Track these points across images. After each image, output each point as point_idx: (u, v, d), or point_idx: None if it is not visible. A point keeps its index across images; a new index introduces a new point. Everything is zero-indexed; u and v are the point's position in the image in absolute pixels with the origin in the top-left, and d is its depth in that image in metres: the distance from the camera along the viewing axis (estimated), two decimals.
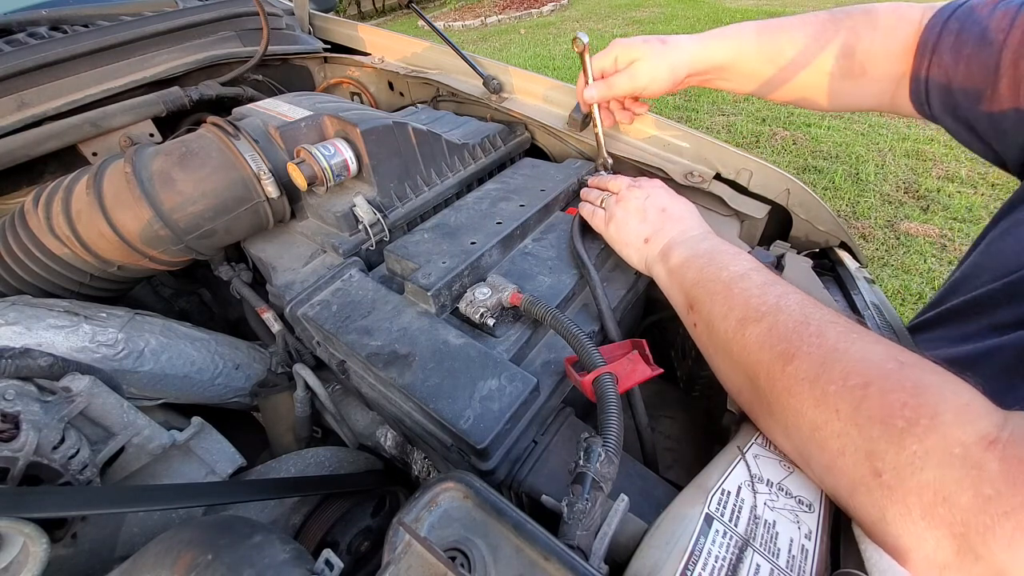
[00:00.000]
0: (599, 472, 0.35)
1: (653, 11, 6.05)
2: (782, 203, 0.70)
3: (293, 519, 0.57)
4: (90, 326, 0.59)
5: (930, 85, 0.53)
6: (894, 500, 0.29)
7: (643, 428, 0.52)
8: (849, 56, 0.58)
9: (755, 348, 0.39)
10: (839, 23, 0.59)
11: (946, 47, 0.50)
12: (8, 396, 0.48)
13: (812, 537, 0.33)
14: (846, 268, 0.66)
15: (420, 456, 0.62)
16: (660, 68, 0.65)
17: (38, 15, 0.99)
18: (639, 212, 0.59)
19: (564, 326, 0.48)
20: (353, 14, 8.20)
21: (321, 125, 0.70)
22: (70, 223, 0.60)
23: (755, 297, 0.41)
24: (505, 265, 0.63)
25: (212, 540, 0.35)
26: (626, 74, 0.67)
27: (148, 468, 0.58)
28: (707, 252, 0.50)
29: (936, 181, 2.50)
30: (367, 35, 1.14)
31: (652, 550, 0.33)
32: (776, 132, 3.10)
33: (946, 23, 0.51)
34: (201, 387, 0.68)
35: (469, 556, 0.30)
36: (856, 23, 0.58)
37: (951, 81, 0.51)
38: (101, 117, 0.82)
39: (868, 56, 0.57)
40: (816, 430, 0.33)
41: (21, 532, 0.37)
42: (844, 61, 0.59)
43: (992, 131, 0.50)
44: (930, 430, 0.28)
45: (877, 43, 0.56)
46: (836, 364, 0.33)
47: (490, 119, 0.93)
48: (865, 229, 2.29)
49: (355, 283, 0.61)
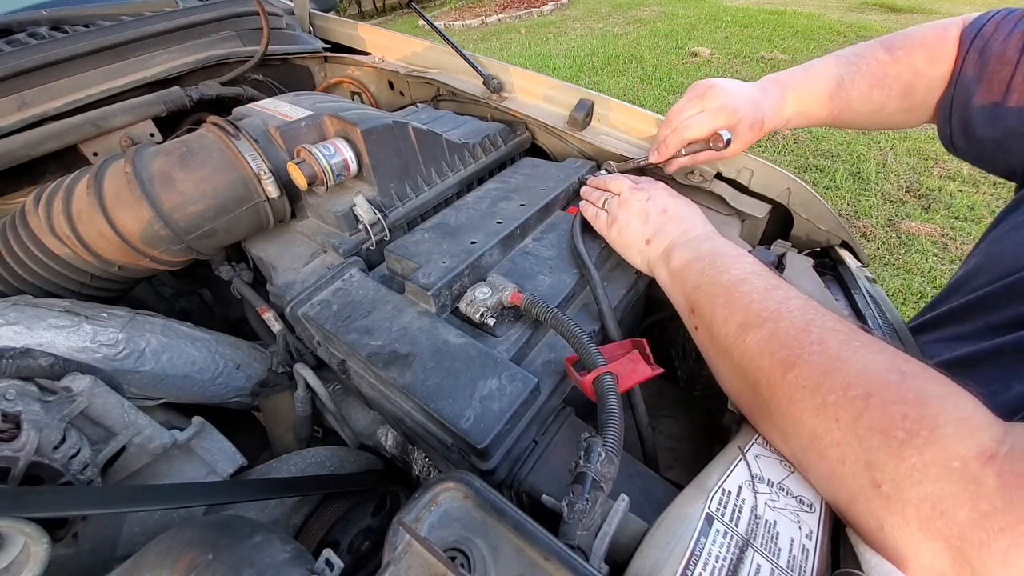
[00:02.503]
0: (599, 472, 0.35)
1: (654, 10, 6.04)
2: (783, 202, 0.70)
3: (294, 519, 0.57)
4: (91, 326, 0.59)
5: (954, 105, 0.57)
6: (892, 511, 0.29)
7: (643, 428, 0.52)
8: (911, 95, 0.61)
9: (756, 354, 0.39)
10: (899, 63, 0.61)
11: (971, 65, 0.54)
12: (9, 396, 0.48)
13: (813, 537, 0.33)
14: (847, 267, 0.66)
15: (421, 456, 0.62)
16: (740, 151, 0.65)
17: (38, 15, 0.99)
18: (641, 214, 0.59)
19: (564, 326, 0.48)
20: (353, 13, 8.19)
21: (321, 125, 0.70)
22: (71, 223, 0.60)
23: (756, 302, 0.41)
24: (505, 265, 0.63)
25: (212, 540, 0.35)
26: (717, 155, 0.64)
27: (149, 468, 0.58)
28: (709, 254, 0.50)
29: (937, 180, 2.49)
30: (367, 34, 1.14)
31: (652, 550, 0.33)
32: (776, 131, 3.10)
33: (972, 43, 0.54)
34: (202, 387, 0.68)
35: (469, 556, 0.30)
36: (914, 60, 0.60)
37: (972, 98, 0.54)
38: (101, 117, 0.82)
39: (927, 90, 0.60)
40: (816, 439, 0.33)
41: (22, 532, 0.37)
42: (906, 101, 0.62)
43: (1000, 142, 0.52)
44: (930, 442, 0.28)
45: (934, 76, 0.59)
46: (837, 373, 0.33)
47: (490, 118, 0.93)
48: (866, 228, 2.28)
49: (355, 283, 0.61)
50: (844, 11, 5.26)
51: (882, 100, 0.62)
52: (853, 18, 4.97)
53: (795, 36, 4.57)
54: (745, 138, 0.63)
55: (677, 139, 0.65)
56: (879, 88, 0.62)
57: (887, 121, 0.66)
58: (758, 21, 5.05)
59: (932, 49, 0.58)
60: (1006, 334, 0.42)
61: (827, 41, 4.36)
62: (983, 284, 0.49)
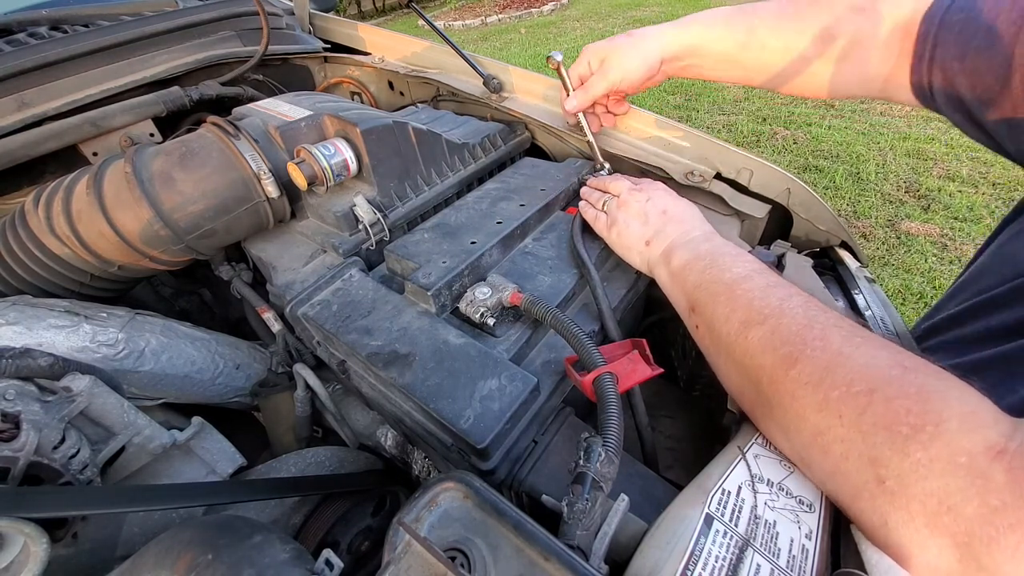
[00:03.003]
0: (599, 472, 0.35)
1: (654, 10, 6.04)
2: (783, 202, 0.70)
3: (293, 519, 0.57)
4: (90, 326, 0.59)
5: (934, 86, 0.49)
6: (897, 507, 0.28)
7: (643, 428, 0.52)
8: (829, 40, 0.54)
9: (758, 351, 0.39)
10: (818, 3, 0.55)
11: (949, 42, 0.46)
12: (8, 396, 0.48)
13: (813, 537, 0.33)
14: (847, 267, 0.66)
15: (420, 456, 0.62)
16: (631, 60, 0.65)
17: (38, 15, 0.99)
18: (640, 215, 0.59)
19: (564, 326, 0.48)
20: (353, 13, 8.20)
21: (321, 125, 0.70)
22: (70, 223, 0.60)
23: (758, 299, 0.41)
24: (505, 265, 0.63)
25: (212, 540, 0.35)
26: (599, 74, 0.67)
27: (148, 468, 0.58)
28: (709, 253, 0.50)
29: (937, 180, 2.49)
30: (367, 35, 1.14)
31: (652, 550, 0.33)
32: (777, 131, 3.10)
33: (946, 14, 0.47)
34: (201, 387, 0.68)
35: (469, 556, 0.30)
36: (835, 4, 0.54)
37: (957, 84, 0.46)
38: (101, 117, 0.82)
39: (851, 41, 0.53)
40: (819, 435, 0.33)
41: (22, 532, 0.37)
42: (822, 45, 0.55)
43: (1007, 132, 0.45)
44: (935, 437, 0.28)
45: (862, 28, 0.52)
46: (840, 369, 0.33)
47: (490, 118, 0.93)
48: (866, 228, 2.28)
49: (355, 283, 0.61)
50: None
51: (794, 36, 0.56)
52: None
53: None
54: (609, 50, 0.65)
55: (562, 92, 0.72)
56: (789, 21, 0.57)
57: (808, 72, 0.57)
58: None
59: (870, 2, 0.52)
60: (1011, 337, 0.42)
61: None
62: (989, 286, 0.49)
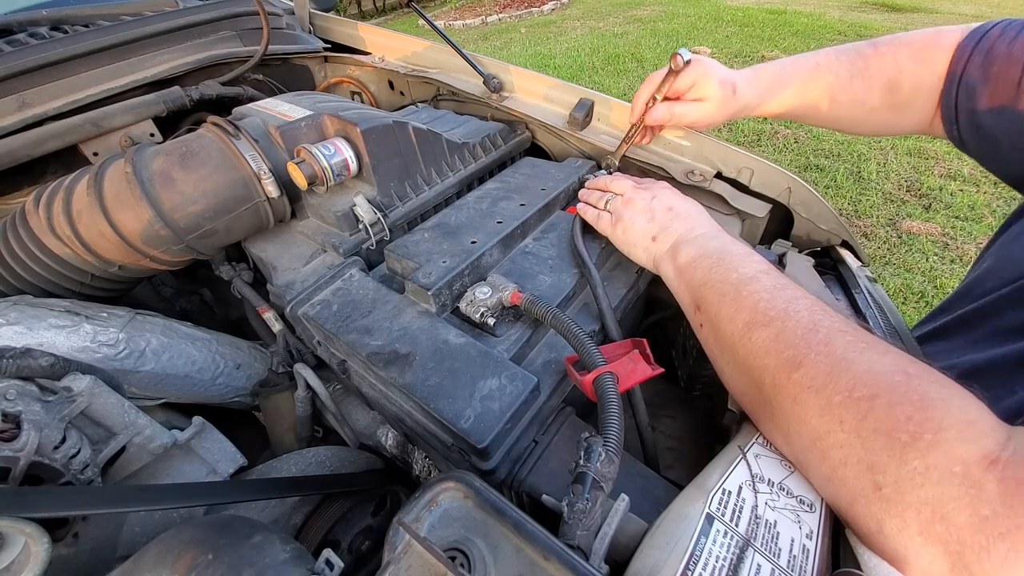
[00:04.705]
0: (599, 472, 0.35)
1: (654, 9, 6.04)
2: (783, 202, 0.70)
3: (294, 518, 0.57)
4: (91, 326, 0.59)
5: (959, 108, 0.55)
6: (892, 514, 0.29)
7: (644, 427, 0.52)
8: (893, 90, 0.60)
9: (761, 353, 0.39)
10: (883, 57, 0.60)
11: (975, 66, 0.53)
12: (9, 396, 0.48)
13: (813, 537, 0.33)
14: (848, 267, 0.66)
15: (421, 455, 0.62)
16: (718, 116, 0.66)
17: (38, 15, 0.99)
18: (646, 211, 0.59)
19: (565, 325, 0.48)
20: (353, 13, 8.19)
21: (321, 124, 0.70)
22: (71, 223, 0.60)
23: (764, 301, 0.41)
24: (505, 264, 0.63)
25: (213, 540, 0.35)
26: (693, 108, 0.66)
27: (149, 468, 0.58)
28: (716, 252, 0.49)
29: (938, 179, 2.49)
30: (367, 34, 1.14)
31: (653, 550, 0.33)
32: (778, 131, 3.10)
33: (976, 46, 0.53)
34: (202, 387, 0.68)
35: (469, 556, 0.30)
36: (899, 56, 0.59)
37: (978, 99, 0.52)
38: (102, 117, 0.82)
39: (912, 90, 0.59)
40: (819, 439, 0.33)
41: (22, 532, 0.37)
42: (889, 97, 0.61)
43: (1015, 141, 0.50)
44: (933, 446, 0.28)
45: (922, 77, 0.58)
46: (843, 374, 0.33)
47: (490, 118, 0.93)
48: (867, 228, 2.28)
49: (355, 283, 0.61)
50: (844, 10, 5.26)
51: (863, 92, 0.61)
52: (853, 17, 4.97)
53: (795, 35, 4.56)
54: (716, 96, 0.64)
55: (648, 87, 0.67)
56: (860, 79, 0.61)
57: (870, 119, 0.64)
58: (758, 20, 5.05)
59: (920, 49, 0.58)
60: (1012, 338, 0.42)
61: (828, 40, 4.36)
62: (992, 288, 0.49)
